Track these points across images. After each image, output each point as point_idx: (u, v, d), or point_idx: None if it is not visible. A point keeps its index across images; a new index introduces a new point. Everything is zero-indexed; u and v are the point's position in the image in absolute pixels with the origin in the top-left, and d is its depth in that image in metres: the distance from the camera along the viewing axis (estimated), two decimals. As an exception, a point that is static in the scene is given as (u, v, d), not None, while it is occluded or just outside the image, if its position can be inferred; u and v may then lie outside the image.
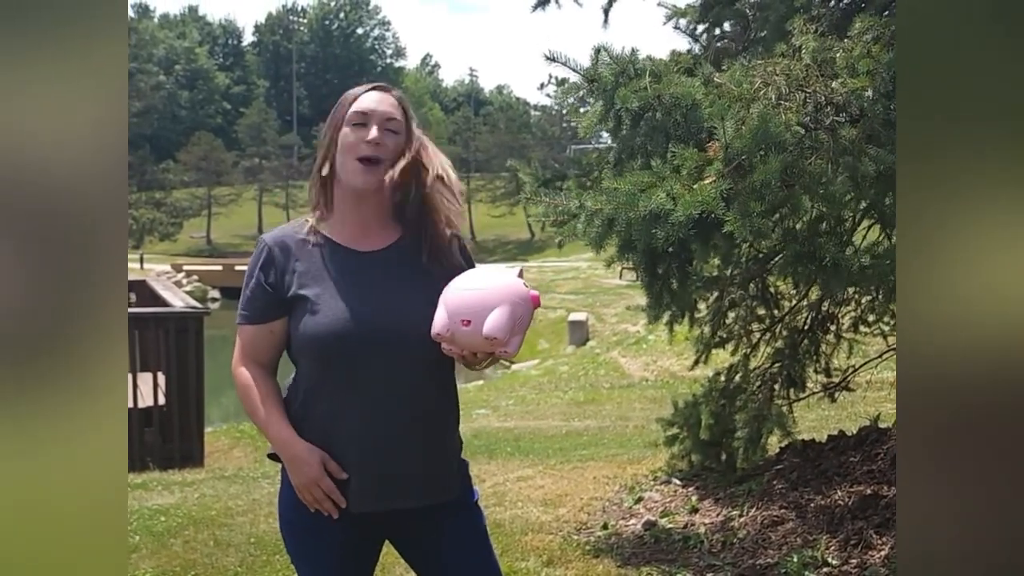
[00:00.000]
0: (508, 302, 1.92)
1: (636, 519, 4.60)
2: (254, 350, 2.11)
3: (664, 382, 12.35)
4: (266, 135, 60.72)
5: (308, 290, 2.04)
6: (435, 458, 2.10)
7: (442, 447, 2.12)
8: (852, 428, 5.32)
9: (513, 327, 1.91)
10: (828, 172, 2.70)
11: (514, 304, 1.93)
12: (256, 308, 2.09)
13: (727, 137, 2.67)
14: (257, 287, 2.08)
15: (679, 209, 2.62)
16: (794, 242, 2.98)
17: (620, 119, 3.04)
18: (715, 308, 4.89)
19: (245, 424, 11.30)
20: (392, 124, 2.08)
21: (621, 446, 7.21)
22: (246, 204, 57.78)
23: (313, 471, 2.02)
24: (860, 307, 5.16)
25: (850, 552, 3.80)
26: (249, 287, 2.10)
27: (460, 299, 1.93)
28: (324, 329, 2.00)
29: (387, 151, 2.05)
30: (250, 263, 2.12)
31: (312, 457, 2.02)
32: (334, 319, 2.00)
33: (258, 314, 2.09)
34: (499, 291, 1.93)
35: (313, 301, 2.03)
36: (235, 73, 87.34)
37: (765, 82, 2.85)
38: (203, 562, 4.30)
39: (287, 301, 2.06)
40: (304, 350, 2.06)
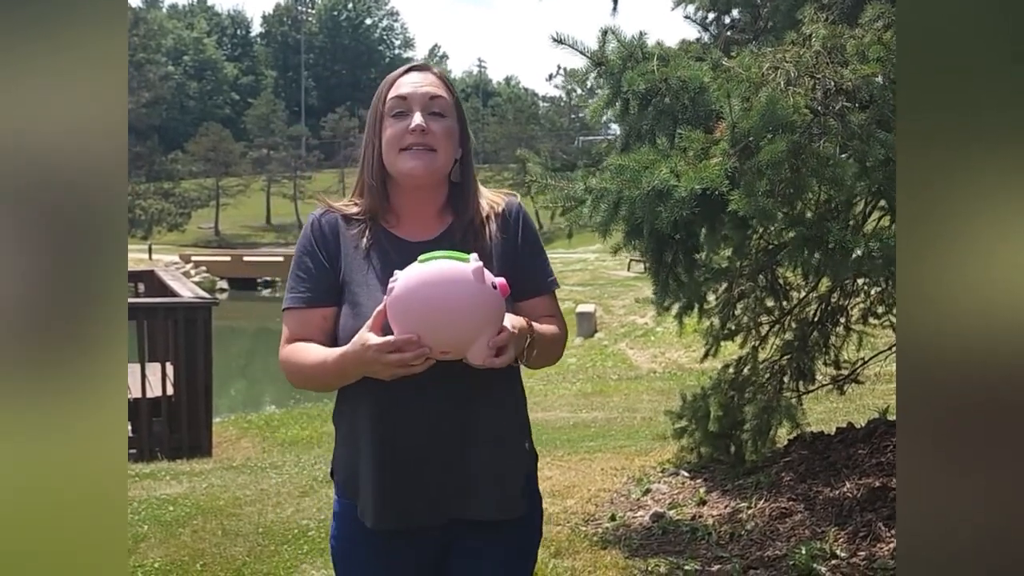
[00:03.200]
0: (488, 325, 1.66)
1: (644, 511, 4.59)
2: (302, 337, 1.83)
3: (672, 374, 12.34)
4: (274, 126, 60.82)
5: (353, 280, 1.82)
6: (488, 472, 1.81)
7: (497, 460, 1.83)
8: (861, 420, 5.31)
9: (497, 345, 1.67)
10: (836, 156, 2.68)
11: (494, 320, 1.67)
12: (307, 289, 1.83)
13: (733, 117, 2.65)
14: (309, 267, 1.84)
15: (682, 184, 2.60)
16: (800, 226, 2.96)
17: (628, 103, 3.02)
18: (724, 299, 4.87)
19: (253, 415, 11.35)
20: (437, 104, 1.84)
21: (629, 438, 7.20)
22: (254, 195, 57.85)
23: (381, 345, 1.65)
24: (869, 299, 5.14)
25: (858, 544, 3.79)
26: (300, 267, 1.85)
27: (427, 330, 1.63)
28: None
29: (435, 137, 1.82)
30: (299, 241, 1.89)
31: (370, 338, 1.66)
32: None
33: (309, 296, 1.83)
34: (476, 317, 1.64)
35: (355, 293, 1.81)
36: (243, 63, 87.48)
37: (774, 67, 2.83)
38: (211, 551, 4.31)
39: (336, 287, 1.83)
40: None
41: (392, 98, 1.84)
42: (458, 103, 1.90)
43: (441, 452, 1.79)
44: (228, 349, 19.11)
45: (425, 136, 1.80)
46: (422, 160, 1.80)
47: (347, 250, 1.85)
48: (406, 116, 1.82)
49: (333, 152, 64.47)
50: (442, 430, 1.78)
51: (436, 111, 1.84)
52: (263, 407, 13.11)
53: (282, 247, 46.71)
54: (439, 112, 1.84)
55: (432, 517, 1.82)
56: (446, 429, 1.79)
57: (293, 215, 56.12)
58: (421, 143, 1.80)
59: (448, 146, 1.84)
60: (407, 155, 1.80)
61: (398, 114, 1.83)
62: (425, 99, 1.83)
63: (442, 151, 1.83)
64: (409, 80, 1.86)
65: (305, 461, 6.67)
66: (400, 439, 1.78)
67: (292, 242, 42.68)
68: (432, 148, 1.81)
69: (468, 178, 1.90)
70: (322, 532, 4.54)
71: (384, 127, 1.84)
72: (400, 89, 1.85)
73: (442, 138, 1.83)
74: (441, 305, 1.62)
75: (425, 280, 1.63)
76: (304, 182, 58.44)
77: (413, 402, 1.76)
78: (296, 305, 1.84)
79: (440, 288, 1.62)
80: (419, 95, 1.83)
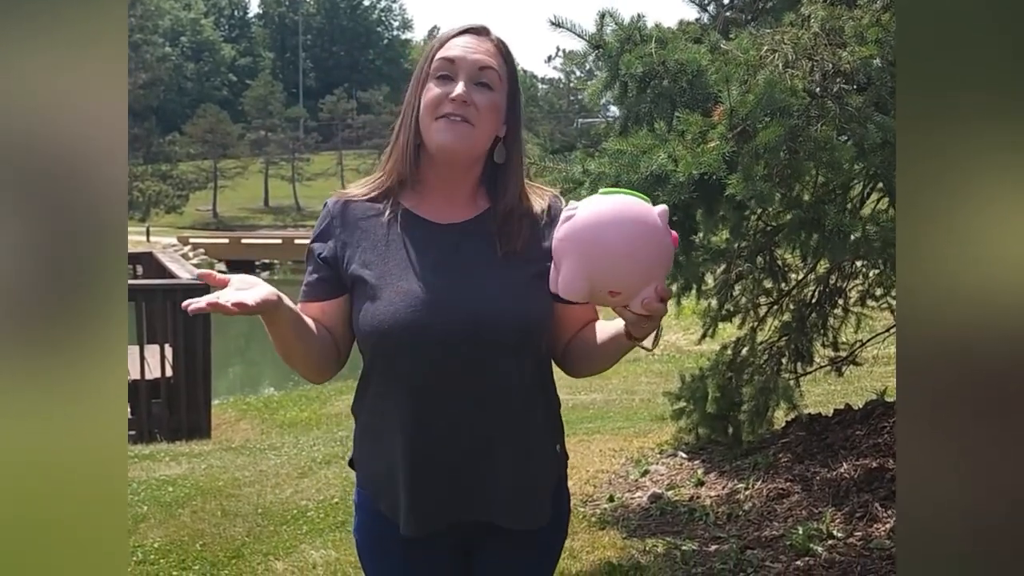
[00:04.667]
0: (664, 270, 1.58)
1: (642, 491, 4.61)
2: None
3: (670, 356, 12.34)
4: (272, 107, 60.52)
5: (369, 270, 1.68)
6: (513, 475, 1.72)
7: (524, 463, 1.73)
8: (859, 402, 5.33)
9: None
10: (833, 139, 2.67)
11: (668, 269, 1.60)
12: (309, 285, 1.74)
13: (732, 101, 2.64)
14: (317, 261, 1.74)
15: (680, 169, 2.59)
16: (798, 208, 2.96)
17: (626, 86, 3.01)
18: (722, 281, 4.87)
19: (252, 397, 11.36)
20: (486, 75, 1.67)
21: (627, 419, 7.22)
22: (252, 177, 57.70)
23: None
24: (868, 280, 5.14)
25: (855, 525, 3.81)
26: (311, 261, 1.76)
27: (610, 265, 1.54)
28: (384, 320, 1.64)
29: (476, 111, 1.65)
30: (314, 231, 1.78)
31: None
32: (396, 308, 1.63)
33: (306, 291, 1.74)
34: (657, 259, 1.56)
35: (373, 284, 1.66)
36: (241, 45, 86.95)
37: (772, 49, 2.82)
38: (211, 532, 4.33)
39: (344, 280, 1.71)
40: (365, 343, 1.70)
41: (440, 59, 1.68)
42: (513, 76, 1.72)
43: (471, 459, 1.70)
44: (227, 331, 19.10)
45: (465, 108, 1.64)
46: (456, 134, 1.65)
47: (362, 236, 1.72)
48: (450, 81, 1.66)
49: (331, 134, 64.27)
50: (474, 436, 1.69)
51: (484, 82, 1.67)
52: (262, 389, 13.13)
53: (280, 229, 46.60)
54: (487, 83, 1.67)
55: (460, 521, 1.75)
56: (478, 435, 1.69)
57: (291, 197, 56.02)
58: (459, 114, 1.64)
59: (490, 122, 1.68)
60: (442, 124, 1.65)
61: (442, 77, 1.67)
62: (474, 68, 1.66)
63: (481, 127, 1.66)
64: (461, 43, 1.69)
65: (304, 443, 6.69)
66: (432, 446, 1.69)
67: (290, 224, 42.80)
68: (470, 122, 1.65)
69: (513, 161, 1.74)
70: (321, 513, 4.56)
71: (426, 88, 1.68)
72: (450, 51, 1.68)
73: (485, 113, 1.66)
74: (627, 243, 1.52)
75: (616, 214, 1.54)
76: (302, 164, 58.29)
77: (447, 407, 1.67)
78: (303, 300, 1.75)
79: (627, 227, 1.53)
80: (469, 61, 1.66)
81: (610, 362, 1.80)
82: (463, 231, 1.72)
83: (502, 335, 1.65)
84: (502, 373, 1.67)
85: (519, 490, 1.73)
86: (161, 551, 4.07)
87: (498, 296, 1.66)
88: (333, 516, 4.48)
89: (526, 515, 1.76)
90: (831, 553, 3.62)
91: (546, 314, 1.72)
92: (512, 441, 1.71)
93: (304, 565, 3.90)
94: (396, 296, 1.64)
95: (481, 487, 1.71)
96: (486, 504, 1.73)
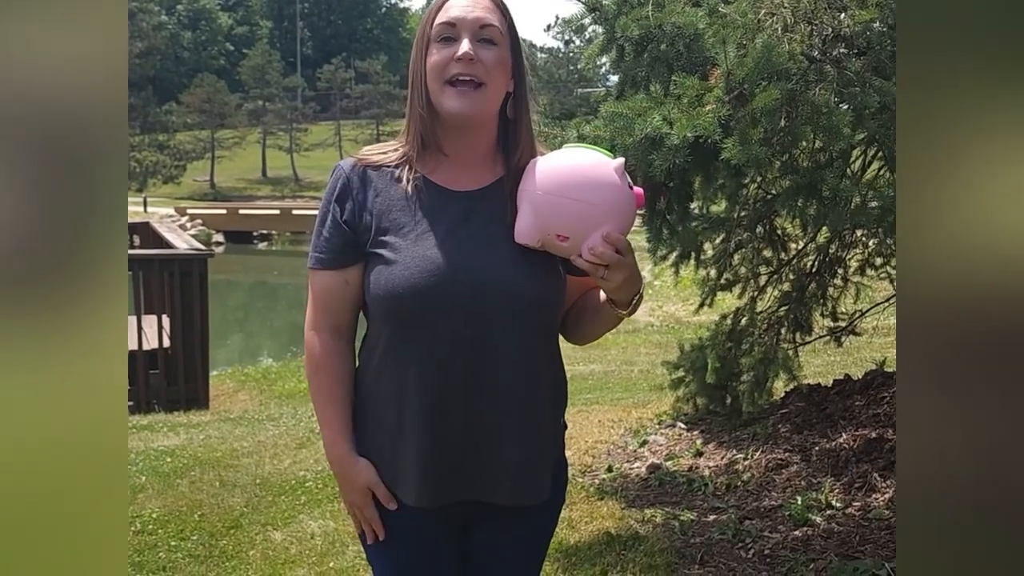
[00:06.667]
0: (615, 219, 1.63)
1: (641, 462, 4.61)
2: (328, 305, 1.74)
3: (669, 327, 12.35)
4: (270, 77, 60.21)
5: (384, 235, 1.68)
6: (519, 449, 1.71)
7: (531, 437, 1.73)
8: (858, 373, 5.32)
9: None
10: (832, 103, 2.64)
11: (621, 220, 1.65)
12: (332, 249, 1.72)
13: (728, 64, 2.60)
14: (333, 224, 1.71)
15: (675, 132, 2.57)
16: (795, 174, 2.92)
17: (623, 49, 2.97)
18: (721, 250, 4.85)
19: (250, 367, 11.37)
20: (488, 32, 1.67)
21: (626, 390, 7.22)
22: (250, 147, 57.54)
23: (357, 498, 1.75)
24: (868, 250, 5.12)
25: (854, 495, 3.81)
26: (324, 224, 1.72)
27: (557, 208, 1.61)
28: (398, 285, 1.64)
29: (484, 68, 1.66)
30: (325, 194, 1.75)
31: (359, 478, 1.74)
32: (411, 274, 1.63)
33: (334, 257, 1.72)
34: (605, 206, 1.62)
35: (390, 249, 1.66)
36: (238, 13, 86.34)
37: (771, 13, 2.78)
38: (209, 502, 4.33)
39: (363, 244, 1.70)
40: (377, 309, 1.70)
41: (440, 23, 1.68)
42: (512, 30, 1.73)
43: (482, 431, 1.69)
44: (225, 302, 19.12)
45: (473, 66, 1.65)
46: (469, 99, 1.66)
47: (378, 202, 1.71)
48: (453, 43, 1.66)
49: (329, 104, 64.01)
50: (483, 407, 1.69)
51: (487, 38, 1.67)
52: (260, 360, 13.15)
53: (278, 200, 46.49)
54: (490, 39, 1.68)
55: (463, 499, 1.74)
56: (486, 407, 1.69)
57: (289, 168, 55.87)
58: (468, 73, 1.65)
59: (499, 78, 1.69)
60: (452, 92, 1.66)
61: (445, 39, 1.67)
62: (475, 26, 1.67)
63: (492, 85, 1.67)
64: (459, 3, 1.69)
65: (302, 413, 6.69)
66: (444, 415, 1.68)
67: (288, 195, 42.67)
68: (480, 82, 1.66)
69: (521, 115, 1.75)
70: (319, 483, 4.56)
71: (430, 53, 1.68)
72: (449, 13, 1.68)
73: (493, 68, 1.67)
74: (575, 189, 1.63)
75: (566, 163, 1.67)
76: (300, 135, 58.11)
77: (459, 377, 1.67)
78: (315, 266, 1.74)
79: (576, 173, 1.64)
80: (469, 20, 1.67)
81: (601, 329, 1.85)
82: (477, 198, 1.72)
83: (514, 302, 1.67)
84: (512, 342, 1.67)
85: (525, 464, 1.72)
86: (159, 521, 4.07)
87: (509, 265, 1.67)
88: (331, 487, 4.48)
89: (530, 491, 1.75)
90: (830, 523, 3.62)
91: (554, 283, 1.73)
92: (520, 413, 1.70)
93: (302, 535, 3.90)
94: (412, 262, 1.64)
95: (492, 460, 1.70)
96: (493, 480, 1.71)
